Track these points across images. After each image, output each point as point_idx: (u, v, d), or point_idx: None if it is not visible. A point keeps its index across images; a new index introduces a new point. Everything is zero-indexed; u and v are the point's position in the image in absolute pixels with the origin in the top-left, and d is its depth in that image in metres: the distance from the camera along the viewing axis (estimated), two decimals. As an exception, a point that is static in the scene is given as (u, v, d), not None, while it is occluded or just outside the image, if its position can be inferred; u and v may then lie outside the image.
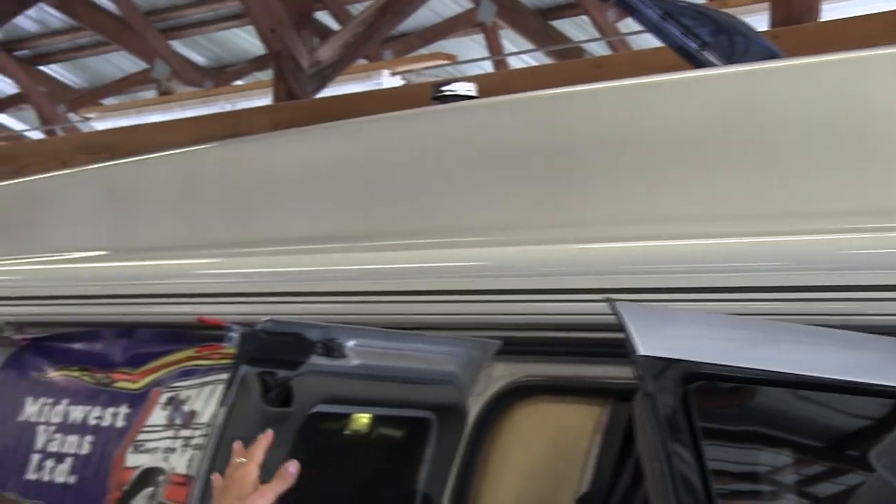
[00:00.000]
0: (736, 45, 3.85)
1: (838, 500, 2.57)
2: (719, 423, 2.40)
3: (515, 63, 10.51)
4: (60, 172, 5.40)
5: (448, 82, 3.91)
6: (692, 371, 2.24)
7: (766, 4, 6.01)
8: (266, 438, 2.58)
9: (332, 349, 2.90)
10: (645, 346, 2.15)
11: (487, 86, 4.00)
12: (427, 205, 3.60)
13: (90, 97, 12.81)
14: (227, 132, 6.09)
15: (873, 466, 2.59)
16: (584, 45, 9.99)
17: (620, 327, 2.29)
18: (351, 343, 2.91)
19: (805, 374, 2.39)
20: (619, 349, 2.96)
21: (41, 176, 5.38)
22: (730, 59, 3.73)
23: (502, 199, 3.44)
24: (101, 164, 5.31)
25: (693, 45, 3.76)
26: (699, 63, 3.73)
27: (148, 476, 3.69)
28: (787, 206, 2.89)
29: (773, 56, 3.78)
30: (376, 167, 3.85)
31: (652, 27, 3.88)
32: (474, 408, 3.28)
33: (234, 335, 3.72)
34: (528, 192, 3.40)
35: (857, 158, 2.82)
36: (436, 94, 3.88)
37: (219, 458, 2.73)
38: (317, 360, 2.86)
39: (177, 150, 4.88)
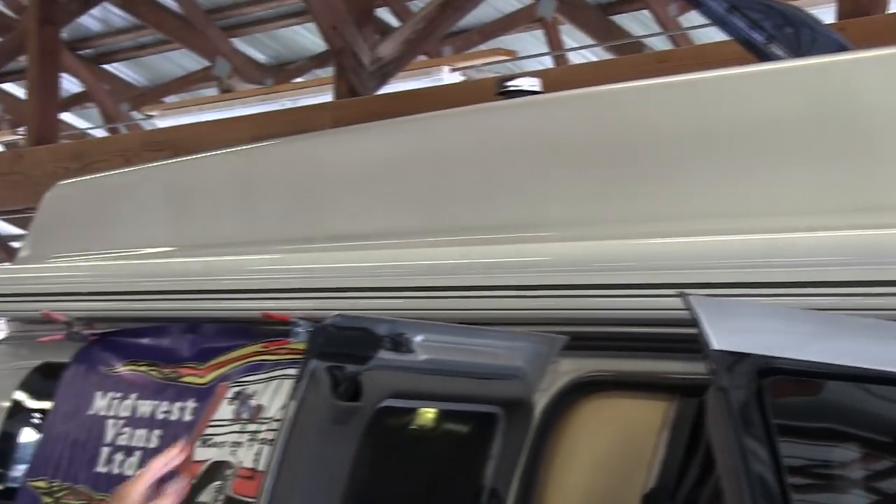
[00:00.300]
0: (803, 37, 3.82)
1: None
2: (793, 418, 2.37)
3: (575, 59, 10.47)
4: (126, 170, 5.45)
5: (512, 77, 3.91)
6: (766, 365, 2.23)
7: (832, -3, 5.97)
8: (166, 457, 2.74)
9: (400, 344, 2.87)
10: (718, 340, 2.13)
11: (548, 81, 3.98)
12: (493, 200, 3.57)
13: (152, 95, 12.91)
14: (289, 129, 6.12)
15: None
16: (645, 41, 9.95)
17: (690, 322, 2.27)
18: (419, 338, 2.90)
19: (882, 370, 2.37)
20: (685, 344, 2.94)
21: (107, 173, 5.42)
22: (797, 52, 3.70)
23: (569, 193, 3.42)
24: (166, 161, 5.36)
25: (759, 38, 3.73)
26: (765, 56, 3.71)
27: (216, 470, 3.64)
28: (862, 199, 2.85)
29: (841, 49, 3.74)
30: (441, 163, 3.85)
31: (718, 20, 3.86)
32: (540, 403, 3.26)
33: (301, 331, 3.73)
34: (596, 186, 3.39)
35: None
36: (500, 90, 3.87)
37: (289, 452, 2.74)
38: (385, 355, 2.84)
39: (241, 147, 4.92)
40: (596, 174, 3.39)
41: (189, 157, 4.98)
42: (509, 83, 3.87)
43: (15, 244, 16.52)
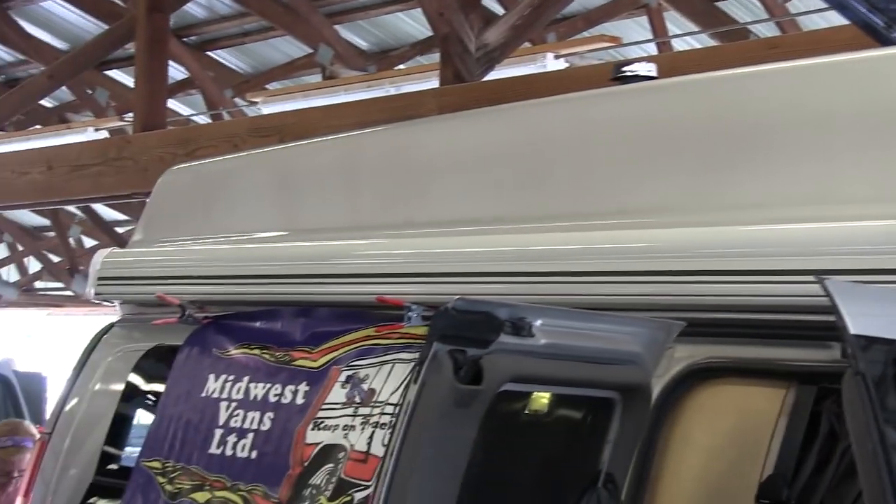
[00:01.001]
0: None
1: None
2: None
3: (679, 45, 10.38)
4: (237, 155, 5.52)
5: (628, 63, 3.90)
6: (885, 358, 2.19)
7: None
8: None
9: (520, 328, 2.89)
10: (855, 325, 2.12)
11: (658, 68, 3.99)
12: (612, 186, 3.59)
13: (256, 82, 12.99)
14: (396, 115, 6.15)
15: None
16: (751, 27, 9.83)
17: (809, 308, 2.26)
18: (538, 322, 2.91)
19: None
20: (804, 331, 3.01)
21: (219, 158, 5.49)
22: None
23: (688, 179, 3.43)
24: (275, 147, 5.41)
25: (880, 21, 3.67)
26: (886, 40, 3.65)
27: (328, 452, 3.69)
28: None
29: None
30: (553, 148, 3.86)
31: (835, 3, 3.81)
32: (656, 388, 3.26)
33: (413, 315, 3.76)
34: (715, 172, 3.38)
35: None
36: (616, 75, 3.87)
37: (411, 435, 2.77)
38: (506, 339, 2.86)
39: (350, 133, 4.96)
40: (717, 160, 3.39)
41: (299, 143, 5.04)
42: (626, 68, 3.87)
43: (119, 229, 16.83)
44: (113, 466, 4.70)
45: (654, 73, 3.81)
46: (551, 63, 9.36)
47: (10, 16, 13.03)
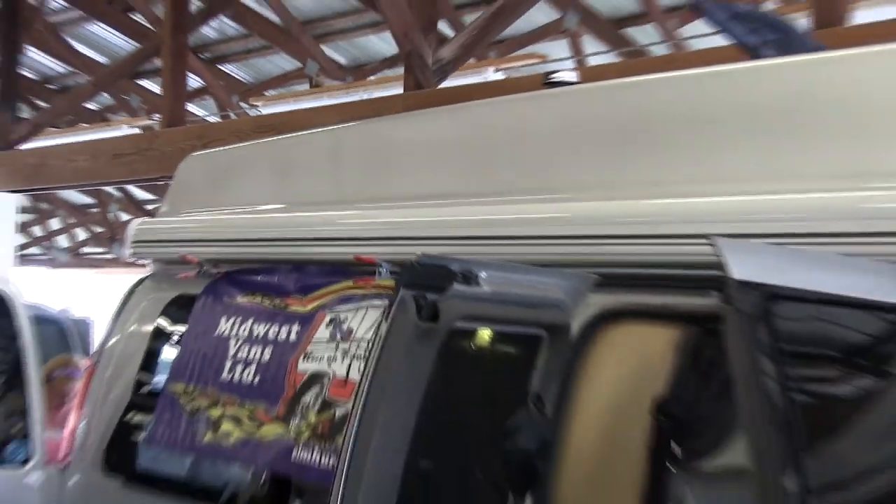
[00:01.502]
0: (789, 41, 3.78)
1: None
2: (796, 340, 2.32)
3: (593, 62, 10.44)
4: (242, 144, 5.48)
5: (555, 72, 3.89)
6: (774, 293, 2.22)
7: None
8: None
9: (469, 278, 2.90)
10: (737, 272, 2.15)
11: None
12: (541, 168, 3.57)
13: (256, 89, 12.89)
14: (368, 115, 6.09)
15: None
16: (652, 49, 9.87)
17: (710, 263, 2.27)
18: (483, 274, 2.92)
19: (870, 299, 2.36)
20: (691, 283, 2.99)
21: (227, 147, 5.45)
22: (784, 53, 3.64)
23: (601, 163, 3.42)
24: (273, 138, 5.37)
25: (754, 42, 3.67)
26: (758, 56, 3.64)
27: (315, 378, 3.75)
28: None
29: (817, 49, 3.69)
30: (494, 138, 3.82)
31: (721, 27, 3.80)
32: (575, 328, 3.27)
33: (384, 270, 3.74)
34: (622, 157, 3.38)
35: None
36: (546, 80, 3.83)
37: (381, 362, 2.79)
38: (457, 287, 2.88)
39: (333, 127, 4.92)
40: (625, 148, 3.38)
41: (291, 135, 4.99)
42: (553, 75, 3.84)
43: (148, 206, 16.71)
44: (145, 390, 4.71)
45: (576, 79, 3.78)
46: (491, 75, 9.38)
47: (62, 36, 12.95)
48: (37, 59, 13.65)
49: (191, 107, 12.33)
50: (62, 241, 21.42)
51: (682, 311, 3.20)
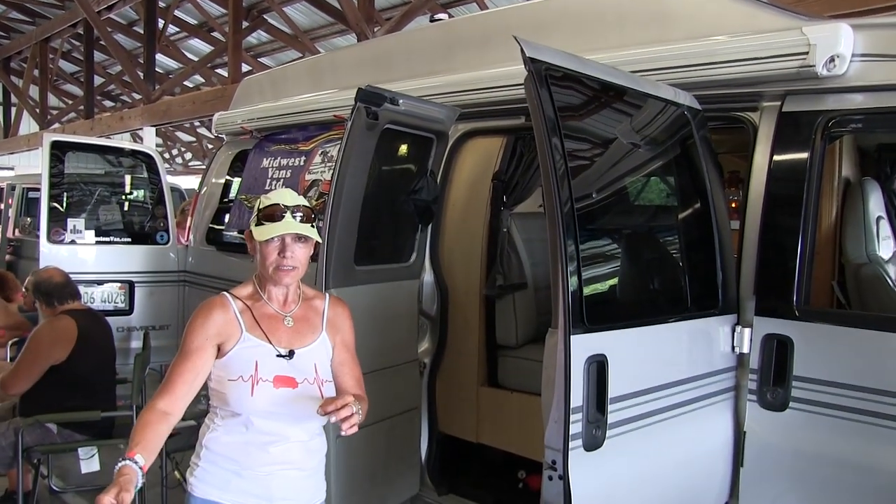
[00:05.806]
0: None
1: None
2: (571, 109, 2.11)
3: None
4: (267, 72, 5.28)
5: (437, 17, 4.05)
6: (552, 71, 1.96)
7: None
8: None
9: (394, 101, 2.86)
10: (529, 52, 1.93)
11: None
12: (425, 62, 3.59)
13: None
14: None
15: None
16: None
17: (520, 100, 2.02)
18: (401, 100, 2.91)
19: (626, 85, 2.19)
20: (509, 112, 3.08)
21: (260, 74, 5.26)
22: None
23: (458, 57, 3.46)
24: (279, 67, 5.23)
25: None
26: None
27: (314, 183, 3.94)
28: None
29: None
30: (399, 49, 3.89)
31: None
32: (451, 139, 3.34)
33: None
34: (466, 53, 3.40)
35: None
36: (431, 19, 4.07)
37: (347, 147, 2.74)
38: (388, 105, 2.83)
39: (309, 58, 4.75)
40: (462, 51, 3.48)
41: (302, 60, 4.91)
42: (436, 17, 4.05)
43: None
44: (225, 201, 4.93)
45: (445, 18, 3.95)
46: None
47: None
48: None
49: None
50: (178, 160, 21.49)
51: (507, 127, 3.33)
